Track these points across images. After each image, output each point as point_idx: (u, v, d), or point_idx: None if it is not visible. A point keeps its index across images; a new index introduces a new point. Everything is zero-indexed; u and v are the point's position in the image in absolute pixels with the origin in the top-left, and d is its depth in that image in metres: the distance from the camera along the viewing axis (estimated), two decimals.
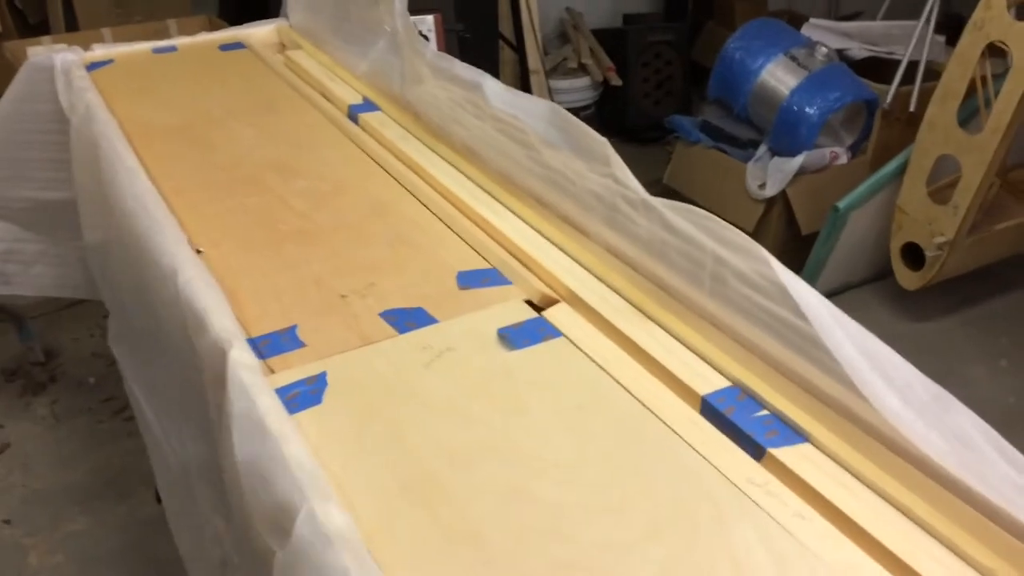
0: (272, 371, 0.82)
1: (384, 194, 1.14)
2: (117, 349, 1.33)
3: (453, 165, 1.18)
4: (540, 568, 0.60)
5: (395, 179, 1.17)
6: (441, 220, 1.07)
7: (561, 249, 0.98)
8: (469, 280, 0.95)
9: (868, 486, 0.64)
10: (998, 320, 2.30)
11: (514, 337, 0.84)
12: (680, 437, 0.72)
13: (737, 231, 0.77)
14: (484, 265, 0.98)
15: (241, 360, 0.77)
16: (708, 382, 0.77)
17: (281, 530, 0.63)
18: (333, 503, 0.63)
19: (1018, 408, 2.01)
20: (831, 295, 1.99)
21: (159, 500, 1.39)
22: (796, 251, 2.31)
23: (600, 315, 0.87)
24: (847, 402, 0.69)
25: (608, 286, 0.92)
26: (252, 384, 0.75)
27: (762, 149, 2.46)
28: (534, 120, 1.04)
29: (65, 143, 1.39)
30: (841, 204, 2.15)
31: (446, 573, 0.61)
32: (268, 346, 0.85)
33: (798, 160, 2.31)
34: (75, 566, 1.59)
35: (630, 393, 0.77)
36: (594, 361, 0.82)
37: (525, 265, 0.97)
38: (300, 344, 0.85)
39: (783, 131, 2.37)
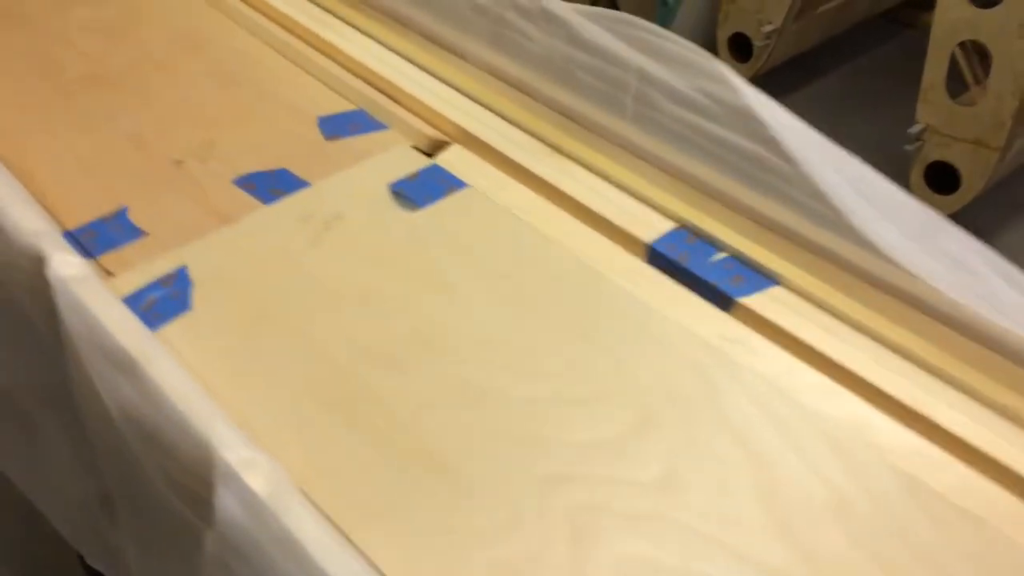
0: (110, 273, 0.63)
1: (194, 21, 0.91)
2: None
3: None
4: (526, 487, 0.50)
5: (203, 0, 0.94)
6: (278, 52, 0.86)
7: (436, 77, 0.82)
8: (335, 127, 0.77)
9: (858, 329, 0.58)
10: (813, 105, 2.36)
11: (412, 193, 0.69)
12: (635, 296, 0.62)
13: (681, 40, 0.65)
14: (347, 106, 0.80)
15: (67, 269, 0.58)
16: (649, 226, 0.67)
17: (196, 499, 0.49)
18: (251, 448, 0.49)
19: None
20: None
21: None
22: None
23: (504, 156, 0.74)
24: (817, 237, 0.61)
25: (504, 118, 0.78)
26: (91, 298, 0.57)
27: None
28: None
29: None
30: None
31: (417, 509, 0.49)
32: (94, 239, 0.65)
33: None
34: None
35: (563, 248, 0.66)
36: (512, 213, 0.69)
37: (397, 101, 0.80)
38: (138, 232, 0.66)
39: None
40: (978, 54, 1.60)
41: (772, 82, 2.30)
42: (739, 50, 2.11)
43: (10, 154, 0.71)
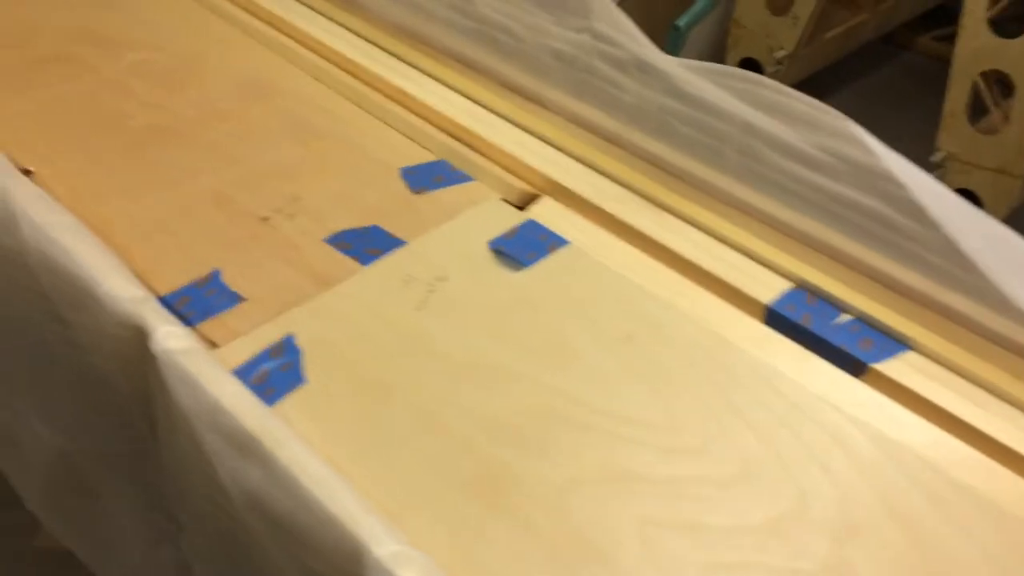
0: (212, 343, 0.60)
1: (256, 66, 0.88)
2: None
3: (334, 20, 0.93)
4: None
5: (263, 45, 0.91)
6: (347, 98, 0.84)
7: (517, 125, 0.80)
8: (420, 179, 0.75)
9: (1006, 400, 0.56)
10: None
11: (514, 250, 0.67)
12: (764, 363, 0.60)
13: (806, 98, 0.63)
14: (427, 156, 0.78)
15: (173, 341, 0.55)
16: (764, 285, 0.65)
17: None
18: (401, 542, 0.46)
19: None
20: None
21: None
22: None
23: (602, 209, 0.71)
24: (954, 302, 0.59)
25: (595, 170, 0.75)
26: (203, 373, 0.54)
27: None
28: None
29: None
30: (681, 22, 2.04)
31: None
32: (190, 306, 0.62)
33: None
34: None
35: (679, 310, 0.64)
36: (620, 272, 0.67)
37: (480, 151, 0.77)
38: (236, 297, 0.63)
39: None
40: (999, 82, 1.61)
41: None
42: None
43: (87, 214, 0.68)
